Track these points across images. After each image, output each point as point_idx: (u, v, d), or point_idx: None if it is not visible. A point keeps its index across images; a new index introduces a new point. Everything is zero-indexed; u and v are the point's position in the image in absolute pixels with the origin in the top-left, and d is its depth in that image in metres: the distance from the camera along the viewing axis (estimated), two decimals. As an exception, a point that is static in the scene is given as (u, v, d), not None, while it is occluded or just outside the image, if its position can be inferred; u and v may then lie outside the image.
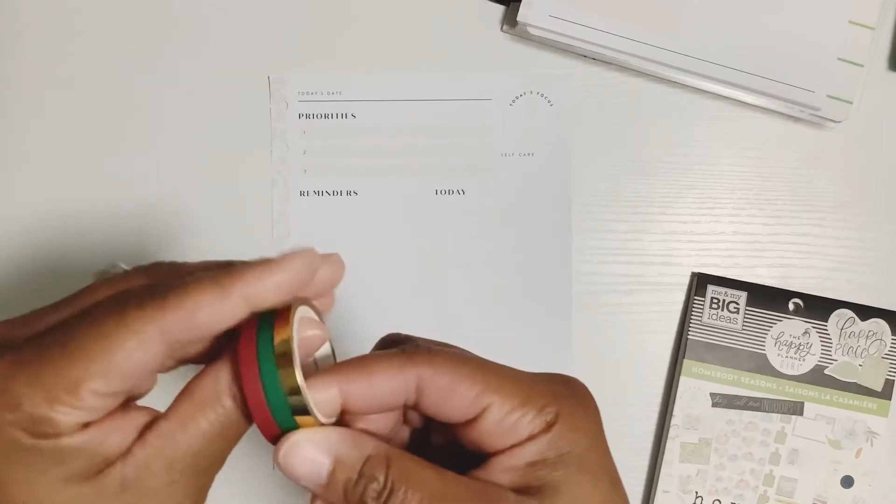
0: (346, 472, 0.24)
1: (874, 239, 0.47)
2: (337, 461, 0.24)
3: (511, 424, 0.25)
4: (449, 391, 0.25)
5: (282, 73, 0.46)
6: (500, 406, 0.25)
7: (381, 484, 0.24)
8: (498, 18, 0.46)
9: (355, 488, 0.24)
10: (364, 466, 0.24)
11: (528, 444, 0.25)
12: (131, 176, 0.46)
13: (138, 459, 0.23)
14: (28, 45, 0.45)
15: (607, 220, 0.47)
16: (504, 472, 0.25)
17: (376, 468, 0.24)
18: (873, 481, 0.46)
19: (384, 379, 0.24)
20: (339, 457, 0.24)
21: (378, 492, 0.23)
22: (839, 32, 0.45)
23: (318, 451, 0.24)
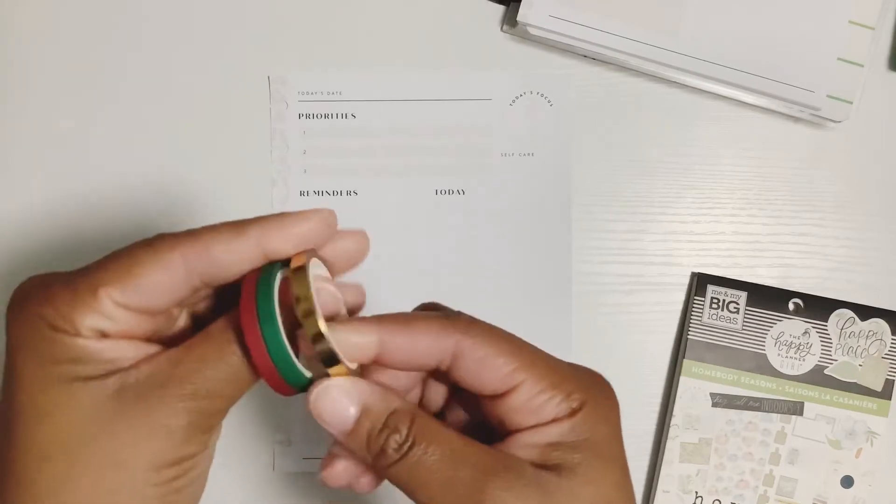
0: (371, 421, 0.25)
1: (874, 239, 0.47)
2: (364, 410, 0.25)
3: (539, 405, 0.26)
4: (485, 363, 0.25)
5: (282, 73, 0.46)
6: (532, 386, 0.26)
7: (402, 436, 0.24)
8: (498, 18, 0.46)
9: (378, 437, 0.24)
10: (389, 418, 0.25)
11: (552, 426, 0.26)
12: (131, 176, 0.46)
13: (142, 372, 0.24)
14: (28, 45, 0.45)
15: (607, 220, 0.47)
16: (523, 448, 0.25)
17: (401, 421, 0.25)
18: (873, 481, 0.46)
19: (426, 337, 0.25)
20: (366, 406, 0.25)
21: (399, 443, 0.24)
22: (839, 32, 0.45)
23: (348, 398, 0.25)
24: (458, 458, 0.24)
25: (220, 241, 0.24)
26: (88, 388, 0.23)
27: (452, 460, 0.24)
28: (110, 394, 0.23)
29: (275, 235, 0.24)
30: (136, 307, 0.24)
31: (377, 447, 0.24)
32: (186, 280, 0.24)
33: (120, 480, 0.23)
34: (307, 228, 0.25)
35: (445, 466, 0.24)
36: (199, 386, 0.24)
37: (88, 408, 0.23)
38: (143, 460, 0.23)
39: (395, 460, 0.24)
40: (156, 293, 0.24)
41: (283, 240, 0.24)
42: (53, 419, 0.23)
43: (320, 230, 0.25)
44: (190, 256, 0.24)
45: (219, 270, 0.24)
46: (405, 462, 0.24)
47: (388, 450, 0.24)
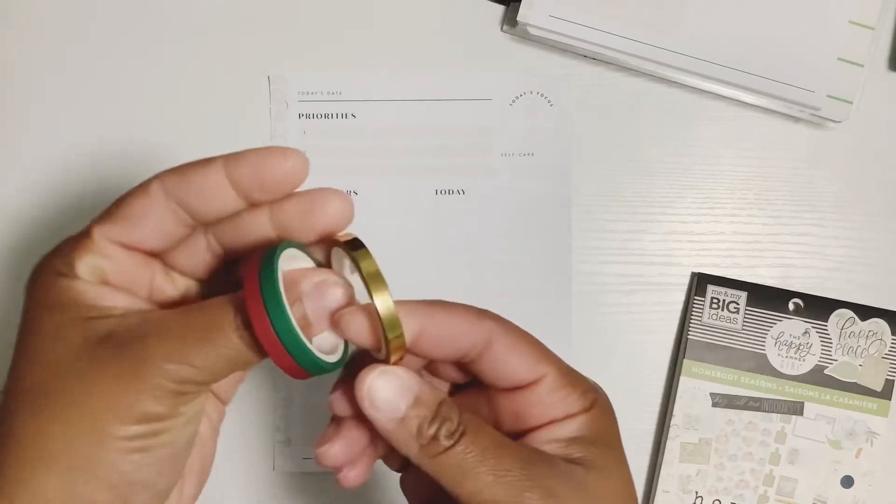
0: (424, 408, 0.25)
1: (874, 239, 0.47)
2: (417, 398, 0.25)
3: (561, 398, 0.27)
4: (514, 351, 0.27)
5: (282, 73, 0.46)
6: (555, 378, 0.27)
7: (454, 425, 0.25)
8: (498, 18, 0.46)
9: (430, 425, 0.25)
10: (440, 407, 0.25)
11: (571, 420, 0.27)
12: (130, 176, 0.46)
13: (130, 322, 0.24)
14: (27, 46, 0.45)
15: (607, 220, 0.47)
16: (546, 444, 0.26)
17: (451, 411, 0.25)
18: (873, 481, 0.46)
19: (463, 322, 0.26)
20: (419, 395, 0.25)
21: (451, 431, 0.25)
22: (839, 32, 0.45)
23: (404, 386, 0.25)
24: (505, 450, 0.25)
25: (196, 169, 0.25)
26: (79, 328, 0.24)
27: (501, 450, 0.25)
28: (98, 338, 0.24)
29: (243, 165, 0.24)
30: (129, 241, 0.25)
31: (429, 436, 0.25)
32: (173, 212, 0.25)
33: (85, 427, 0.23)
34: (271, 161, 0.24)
35: (495, 455, 0.25)
36: (178, 349, 0.23)
37: (74, 349, 0.24)
38: (109, 409, 0.23)
39: (447, 447, 0.25)
40: (144, 224, 0.25)
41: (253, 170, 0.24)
42: (42, 360, 0.24)
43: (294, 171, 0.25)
44: (168, 182, 0.25)
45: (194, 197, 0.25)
46: (455, 450, 0.25)
47: (441, 437, 0.25)
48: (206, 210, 0.25)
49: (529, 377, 0.27)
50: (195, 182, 0.24)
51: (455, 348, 0.27)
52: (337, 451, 0.27)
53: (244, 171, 0.24)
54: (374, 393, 0.25)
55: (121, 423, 0.23)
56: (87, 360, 0.23)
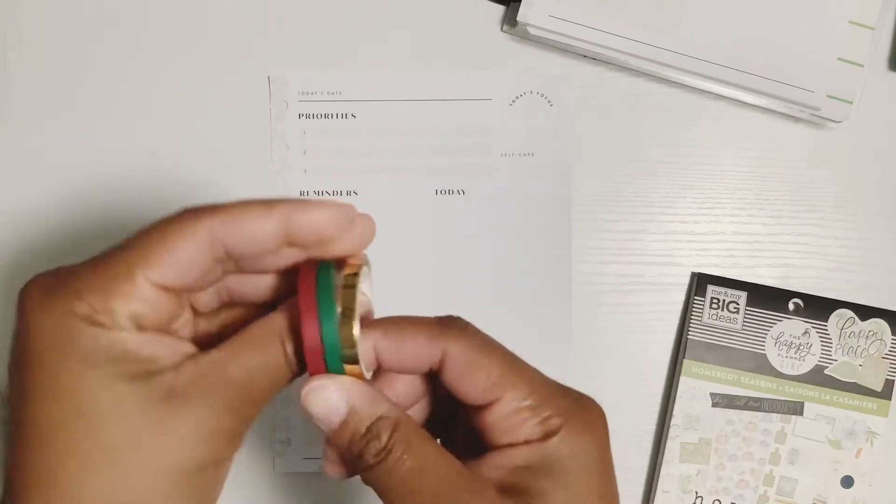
0: (356, 424, 0.25)
1: (874, 239, 0.47)
2: (351, 412, 0.25)
3: (514, 424, 0.26)
4: (467, 372, 0.26)
5: (282, 73, 0.46)
6: (508, 403, 0.26)
7: (382, 444, 0.25)
8: (498, 18, 0.46)
9: (359, 441, 0.25)
10: (373, 424, 0.25)
11: (523, 448, 0.26)
12: (130, 176, 0.46)
13: (188, 374, 0.23)
14: (27, 44, 0.45)
15: (607, 220, 0.47)
16: (494, 469, 0.26)
17: (383, 429, 0.25)
18: (873, 481, 0.46)
19: (413, 343, 0.26)
20: (354, 408, 0.25)
21: (378, 450, 0.25)
22: (839, 32, 0.45)
23: (339, 398, 0.25)
24: (426, 472, 0.25)
25: (248, 216, 0.24)
26: (134, 389, 0.23)
27: (421, 473, 0.25)
28: (159, 396, 0.23)
29: (300, 217, 0.24)
30: (172, 285, 0.24)
31: (357, 450, 0.25)
32: (213, 253, 0.24)
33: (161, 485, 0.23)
34: (330, 216, 0.25)
35: (413, 478, 0.25)
36: (245, 390, 0.24)
37: (134, 410, 0.23)
38: (188, 463, 0.23)
39: (370, 465, 0.25)
40: (191, 268, 0.24)
41: (308, 222, 0.24)
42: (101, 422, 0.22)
43: (342, 220, 0.25)
44: (217, 226, 0.24)
45: (245, 241, 0.24)
46: (379, 468, 0.25)
47: (367, 455, 0.25)
48: (251, 255, 0.25)
49: (483, 399, 0.26)
50: (248, 230, 0.24)
51: (413, 366, 0.27)
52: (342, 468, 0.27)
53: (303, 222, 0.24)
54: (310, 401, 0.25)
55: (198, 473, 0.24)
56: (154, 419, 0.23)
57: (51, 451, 0.23)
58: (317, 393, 0.25)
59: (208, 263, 0.24)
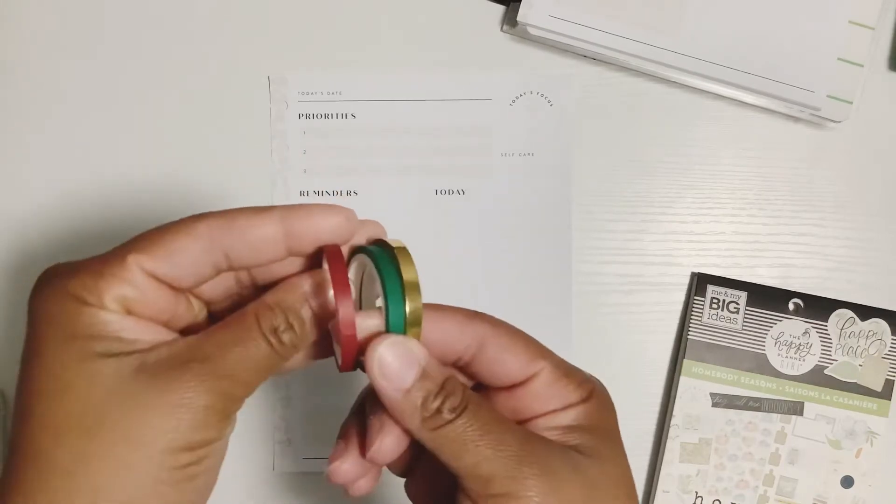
0: (430, 382, 0.25)
1: (874, 239, 0.47)
2: (425, 371, 0.26)
3: (557, 390, 0.28)
4: (508, 350, 0.28)
5: (282, 73, 0.46)
6: (550, 373, 0.28)
7: (458, 400, 0.25)
8: (498, 18, 0.46)
9: (436, 398, 0.25)
10: (446, 382, 0.26)
11: (568, 411, 0.28)
12: (130, 176, 0.46)
13: (160, 352, 0.24)
14: (26, 45, 0.45)
15: (607, 220, 0.47)
16: (545, 431, 0.27)
17: (456, 386, 0.26)
18: (873, 481, 0.46)
19: (455, 325, 0.28)
20: (427, 368, 0.26)
21: (454, 406, 0.25)
22: (839, 32, 0.45)
23: (413, 357, 0.25)
24: (505, 426, 0.26)
25: (247, 218, 0.24)
26: (108, 364, 0.23)
27: (501, 427, 0.26)
28: (130, 371, 0.23)
29: (298, 221, 0.25)
30: (163, 276, 0.24)
31: (432, 409, 0.25)
32: (210, 253, 0.24)
33: (135, 460, 0.23)
34: (330, 223, 0.25)
35: (491, 433, 0.25)
36: (219, 366, 0.24)
37: (108, 384, 0.23)
38: (160, 441, 0.23)
39: (449, 421, 0.25)
40: (183, 263, 0.24)
41: (306, 226, 0.25)
42: (72, 395, 0.23)
43: (343, 227, 0.26)
44: (215, 228, 0.24)
45: (242, 246, 0.24)
46: (454, 425, 0.25)
47: (444, 411, 0.25)
48: (251, 261, 0.25)
49: (525, 374, 0.28)
50: (246, 233, 0.24)
51: (450, 351, 0.28)
52: (348, 467, 0.27)
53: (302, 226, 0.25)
54: (384, 361, 0.25)
55: (172, 453, 0.23)
56: (124, 393, 0.23)
57: (31, 423, 0.23)
58: (391, 350, 0.25)
59: (203, 263, 0.25)
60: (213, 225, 0.24)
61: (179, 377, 0.23)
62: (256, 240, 0.24)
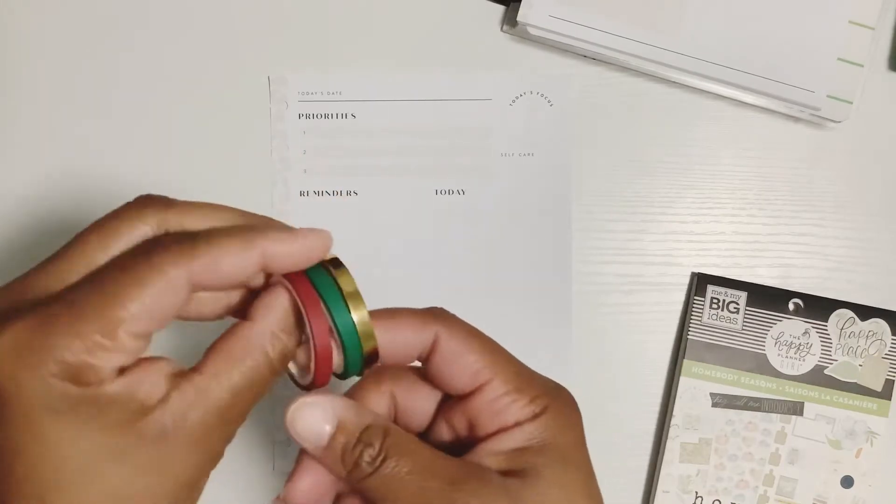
0: (346, 436, 0.25)
1: (874, 239, 0.47)
2: (339, 425, 0.26)
3: (503, 406, 0.27)
4: (457, 356, 0.27)
5: (282, 73, 0.46)
6: (497, 386, 0.27)
7: (375, 450, 0.25)
8: (498, 18, 0.46)
9: (352, 451, 0.25)
10: (363, 433, 0.25)
11: (516, 430, 0.26)
12: (130, 176, 0.46)
13: (175, 408, 0.23)
14: (26, 44, 0.45)
15: (607, 220, 0.47)
16: (490, 456, 0.26)
17: (374, 436, 0.25)
18: (873, 481, 0.46)
19: (406, 329, 0.27)
20: (342, 421, 0.26)
21: (373, 457, 0.25)
22: (839, 32, 0.45)
23: (324, 414, 0.26)
24: (427, 471, 0.25)
25: (229, 255, 0.23)
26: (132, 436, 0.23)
27: (422, 473, 0.25)
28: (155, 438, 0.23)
29: (279, 251, 0.24)
30: (148, 333, 0.23)
31: (351, 461, 0.25)
32: (187, 291, 0.24)
33: None
34: (308, 247, 0.25)
35: (416, 479, 0.25)
36: (231, 408, 0.24)
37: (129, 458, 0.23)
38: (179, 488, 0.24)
39: (369, 473, 0.25)
40: (166, 316, 0.23)
41: (286, 256, 0.25)
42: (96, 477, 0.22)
43: (319, 250, 0.26)
44: (198, 273, 0.23)
45: (223, 280, 0.24)
46: (378, 475, 0.25)
47: (362, 463, 0.25)
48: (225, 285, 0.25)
49: (470, 385, 0.27)
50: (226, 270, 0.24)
51: (403, 355, 0.27)
52: (306, 489, 0.27)
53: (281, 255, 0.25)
54: (296, 423, 0.26)
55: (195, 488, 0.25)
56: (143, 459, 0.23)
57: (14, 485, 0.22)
58: (301, 412, 0.25)
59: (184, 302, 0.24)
60: (194, 272, 0.23)
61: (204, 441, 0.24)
62: (235, 274, 0.24)
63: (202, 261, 0.23)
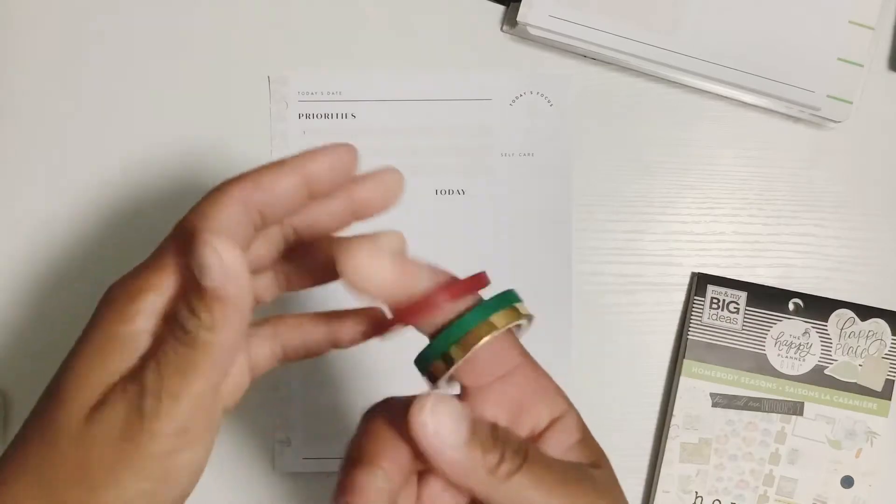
0: (483, 431, 0.24)
1: (874, 239, 0.47)
2: (474, 422, 0.24)
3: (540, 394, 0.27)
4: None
5: (282, 73, 0.46)
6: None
7: (517, 443, 0.24)
8: (498, 18, 0.46)
9: (495, 446, 0.24)
10: (494, 430, 0.24)
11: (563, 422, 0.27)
12: (131, 176, 0.46)
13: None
14: (26, 45, 0.45)
15: (607, 220, 0.47)
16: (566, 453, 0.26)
17: (507, 431, 0.25)
18: (873, 481, 0.46)
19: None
20: (474, 419, 0.24)
21: (516, 448, 0.24)
22: (839, 32, 0.45)
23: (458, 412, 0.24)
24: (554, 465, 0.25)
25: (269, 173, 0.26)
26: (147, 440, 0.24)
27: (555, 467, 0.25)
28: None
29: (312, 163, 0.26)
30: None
31: (495, 458, 0.23)
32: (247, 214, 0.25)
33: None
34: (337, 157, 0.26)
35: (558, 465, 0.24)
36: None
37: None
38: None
39: (519, 465, 0.23)
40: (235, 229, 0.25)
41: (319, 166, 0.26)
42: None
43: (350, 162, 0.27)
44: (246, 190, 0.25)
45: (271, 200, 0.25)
46: (528, 467, 0.24)
47: (507, 457, 0.23)
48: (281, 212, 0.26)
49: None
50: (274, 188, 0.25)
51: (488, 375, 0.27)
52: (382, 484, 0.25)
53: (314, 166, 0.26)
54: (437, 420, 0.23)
55: None
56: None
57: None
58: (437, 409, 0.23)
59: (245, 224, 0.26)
60: (244, 187, 0.25)
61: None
62: (282, 191, 0.25)
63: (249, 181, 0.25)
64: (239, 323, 0.24)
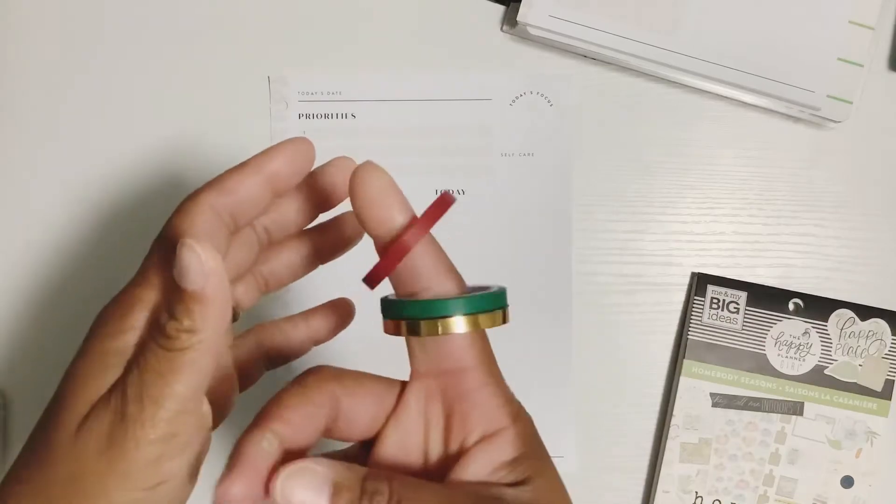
0: (348, 492, 0.23)
1: (874, 239, 0.47)
2: (336, 485, 0.23)
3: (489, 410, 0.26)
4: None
5: (282, 73, 0.46)
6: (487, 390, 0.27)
7: (386, 496, 0.23)
8: (498, 18, 0.46)
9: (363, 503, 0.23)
10: (365, 483, 0.23)
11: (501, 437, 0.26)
12: (131, 176, 0.46)
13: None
14: (27, 44, 0.45)
15: (607, 220, 0.47)
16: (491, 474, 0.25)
17: (378, 482, 0.24)
18: (873, 481, 0.46)
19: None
20: (337, 481, 0.23)
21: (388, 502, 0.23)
22: (839, 32, 0.45)
23: (316, 478, 0.23)
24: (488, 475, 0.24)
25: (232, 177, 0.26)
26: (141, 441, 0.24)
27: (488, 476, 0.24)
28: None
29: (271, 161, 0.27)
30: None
31: None
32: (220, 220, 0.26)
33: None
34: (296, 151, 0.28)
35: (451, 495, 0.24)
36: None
37: None
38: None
39: None
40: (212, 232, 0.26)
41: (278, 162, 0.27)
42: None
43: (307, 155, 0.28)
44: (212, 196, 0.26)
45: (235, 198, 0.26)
46: None
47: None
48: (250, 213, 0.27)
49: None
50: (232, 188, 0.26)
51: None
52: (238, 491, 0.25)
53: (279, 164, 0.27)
54: (292, 495, 0.23)
55: None
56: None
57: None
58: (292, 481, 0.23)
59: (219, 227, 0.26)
60: (210, 193, 0.26)
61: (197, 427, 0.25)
62: (246, 192, 0.26)
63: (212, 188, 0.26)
64: (219, 323, 0.23)
